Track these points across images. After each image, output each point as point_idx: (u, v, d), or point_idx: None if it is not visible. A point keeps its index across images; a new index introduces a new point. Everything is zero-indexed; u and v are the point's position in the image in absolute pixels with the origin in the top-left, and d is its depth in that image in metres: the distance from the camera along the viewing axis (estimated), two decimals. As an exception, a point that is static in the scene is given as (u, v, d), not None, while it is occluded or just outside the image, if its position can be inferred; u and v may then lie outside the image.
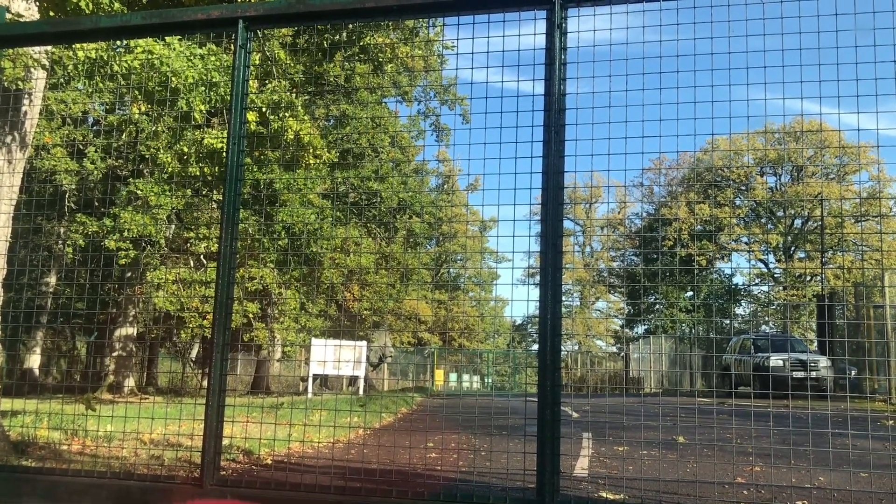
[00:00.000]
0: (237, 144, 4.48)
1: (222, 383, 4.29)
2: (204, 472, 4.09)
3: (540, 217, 3.90)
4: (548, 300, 3.80)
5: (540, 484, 3.68)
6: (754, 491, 5.48)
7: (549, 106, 3.91)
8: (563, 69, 3.95)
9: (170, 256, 19.15)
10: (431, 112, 35.78)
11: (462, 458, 7.21)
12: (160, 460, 6.28)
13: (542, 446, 3.70)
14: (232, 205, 4.46)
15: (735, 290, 46.75)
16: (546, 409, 3.71)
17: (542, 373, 3.76)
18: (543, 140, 3.90)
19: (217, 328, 4.31)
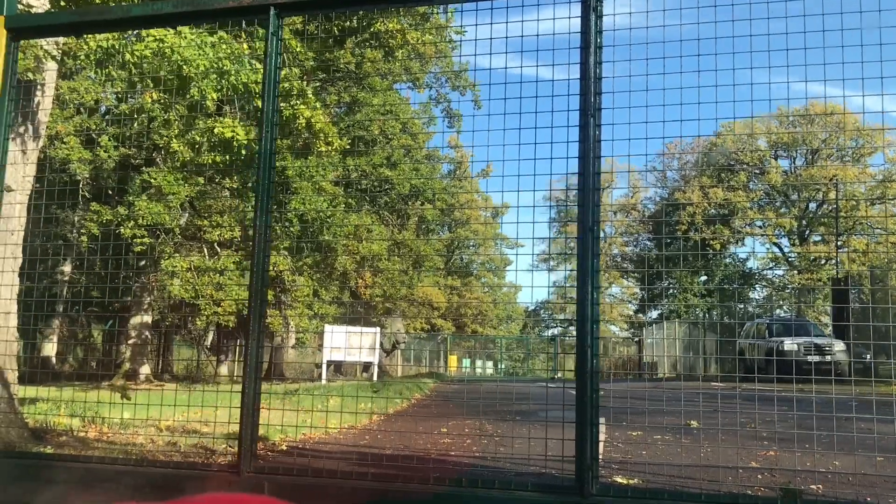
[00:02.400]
0: (270, 132, 4.46)
1: (258, 371, 4.27)
2: (241, 460, 4.09)
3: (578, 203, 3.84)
4: (587, 286, 3.75)
5: (579, 470, 3.65)
6: (769, 475, 5.47)
7: (586, 90, 3.86)
8: (599, 53, 3.89)
9: (183, 244, 19.24)
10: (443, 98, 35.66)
11: (490, 445, 7.23)
12: (182, 447, 6.34)
13: (582, 432, 3.66)
14: (266, 192, 4.44)
15: (749, 274, 46.52)
16: (585, 395, 3.68)
17: (581, 359, 3.73)
18: (580, 125, 3.85)
19: (252, 316, 4.29)
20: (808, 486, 5.03)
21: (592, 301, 3.75)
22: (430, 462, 5.43)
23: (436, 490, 3.84)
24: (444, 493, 3.81)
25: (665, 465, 5.62)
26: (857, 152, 43.86)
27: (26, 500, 4.17)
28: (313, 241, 19.26)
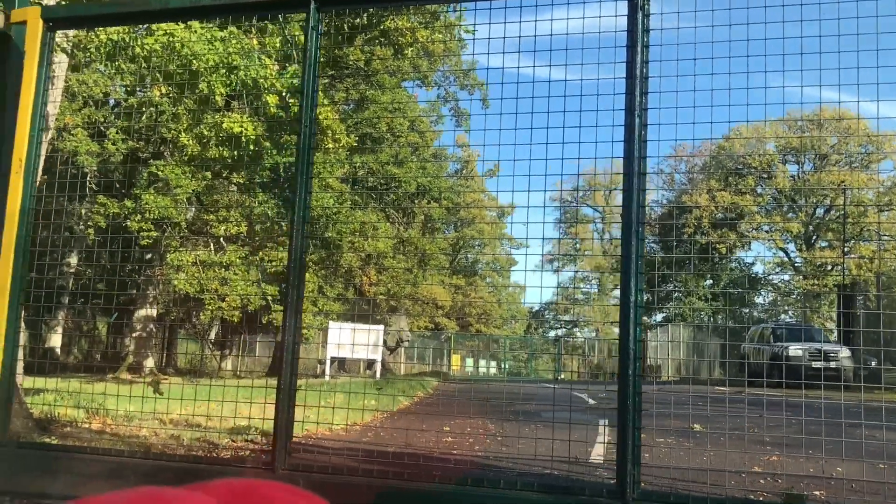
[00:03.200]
0: (309, 128, 4.43)
1: (294, 367, 4.25)
2: (276, 457, 4.08)
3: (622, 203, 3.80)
4: (630, 288, 3.71)
5: (621, 475, 3.60)
6: (771, 480, 5.46)
7: (631, 89, 3.81)
8: (646, 52, 3.84)
9: (190, 238, 19.28)
10: (451, 96, 35.61)
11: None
12: (187, 440, 6.35)
13: (624, 436, 3.62)
14: (304, 187, 4.41)
15: (755, 278, 46.42)
16: (628, 398, 3.63)
17: (624, 362, 3.68)
18: (625, 124, 3.80)
19: (289, 312, 4.27)
20: (811, 492, 5.02)
21: (636, 303, 3.71)
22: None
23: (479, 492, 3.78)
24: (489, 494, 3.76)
25: (667, 467, 5.61)
26: (865, 158, 43.73)
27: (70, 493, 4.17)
28: (319, 237, 19.28)
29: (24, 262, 4.78)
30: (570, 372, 31.44)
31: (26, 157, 4.76)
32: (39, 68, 4.80)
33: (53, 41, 4.94)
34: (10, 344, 4.69)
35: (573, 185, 33.03)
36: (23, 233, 4.75)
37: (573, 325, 53.36)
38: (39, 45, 4.79)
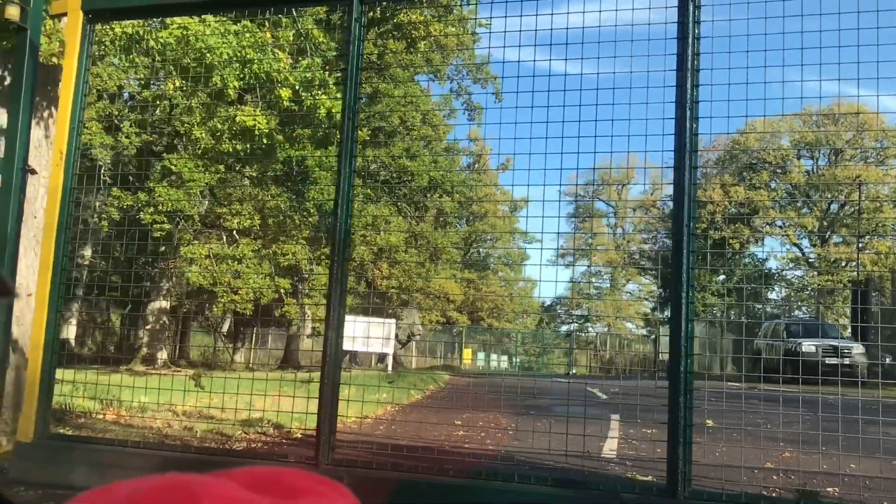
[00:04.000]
0: (351, 120, 4.43)
1: (337, 360, 4.25)
2: (319, 452, 4.09)
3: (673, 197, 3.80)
4: (681, 284, 3.69)
5: (671, 474, 3.55)
6: (784, 476, 5.44)
7: (682, 81, 3.76)
8: (697, 44, 3.78)
9: (203, 231, 19.35)
10: (464, 90, 35.56)
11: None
12: (193, 432, 6.39)
13: (675, 434, 3.57)
14: (347, 181, 4.42)
15: (768, 274, 46.17)
16: (679, 395, 3.59)
17: (675, 358, 3.64)
18: (675, 117, 3.77)
19: (332, 304, 4.27)
20: (824, 489, 4.99)
21: (688, 300, 3.67)
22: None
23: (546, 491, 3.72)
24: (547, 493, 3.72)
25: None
26: (881, 153, 43.35)
27: None
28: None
29: (65, 255, 4.82)
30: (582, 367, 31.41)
31: (66, 149, 4.78)
32: (80, 60, 4.81)
33: (93, 33, 4.94)
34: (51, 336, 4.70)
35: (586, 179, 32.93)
36: (64, 224, 4.78)
37: (585, 319, 53.25)
38: (80, 37, 4.79)
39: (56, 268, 4.73)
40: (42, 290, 4.69)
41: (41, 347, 4.60)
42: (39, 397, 4.57)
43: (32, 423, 4.53)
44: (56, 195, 4.78)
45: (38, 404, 4.56)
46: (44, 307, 4.66)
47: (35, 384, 4.58)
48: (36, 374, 4.58)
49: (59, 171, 4.79)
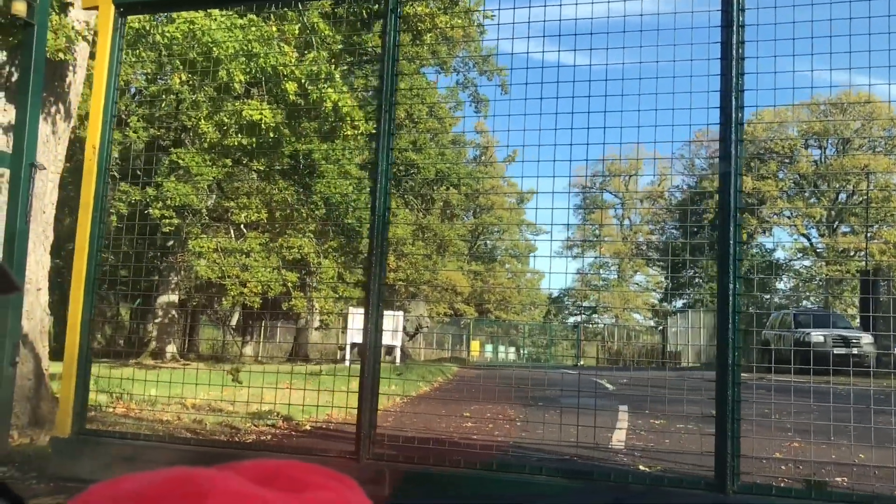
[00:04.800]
0: (388, 112, 4.39)
1: (377, 355, 4.24)
2: (360, 447, 4.07)
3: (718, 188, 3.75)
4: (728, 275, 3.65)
5: (720, 467, 3.52)
6: (793, 467, 5.43)
7: (727, 70, 3.72)
8: (742, 31, 3.74)
9: (211, 225, 19.39)
10: (470, 82, 35.45)
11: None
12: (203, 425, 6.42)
13: (724, 428, 3.53)
14: (384, 175, 4.41)
15: (777, 264, 46.03)
16: (727, 389, 3.55)
17: (723, 351, 3.60)
18: (720, 106, 3.73)
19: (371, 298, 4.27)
20: (832, 479, 4.99)
21: (734, 291, 3.62)
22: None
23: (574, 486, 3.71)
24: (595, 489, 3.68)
25: (687, 453, 5.60)
26: (889, 142, 43.11)
27: None
28: (338, 224, 19.32)
29: (99, 247, 4.81)
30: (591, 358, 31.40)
31: (99, 143, 4.77)
32: (111, 54, 4.78)
33: (125, 27, 4.92)
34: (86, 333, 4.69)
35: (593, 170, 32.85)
36: (98, 218, 4.77)
37: (593, 311, 53.19)
38: (111, 31, 4.77)
39: (90, 266, 4.71)
40: (76, 289, 4.66)
41: (76, 344, 4.59)
42: (75, 393, 4.57)
43: (69, 418, 4.52)
44: (89, 189, 4.73)
45: (73, 400, 4.56)
46: (78, 305, 4.63)
47: (71, 380, 4.57)
48: (72, 370, 4.58)
49: (93, 165, 4.76)
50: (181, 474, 0.56)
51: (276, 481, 0.59)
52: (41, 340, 6.20)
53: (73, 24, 6.19)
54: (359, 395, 4.16)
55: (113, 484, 0.57)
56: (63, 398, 4.61)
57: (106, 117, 4.79)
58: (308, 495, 0.58)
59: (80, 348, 4.63)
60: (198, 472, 0.56)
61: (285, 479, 0.60)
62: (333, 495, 0.59)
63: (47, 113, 6.17)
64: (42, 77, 5.10)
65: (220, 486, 0.54)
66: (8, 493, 0.79)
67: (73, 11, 6.27)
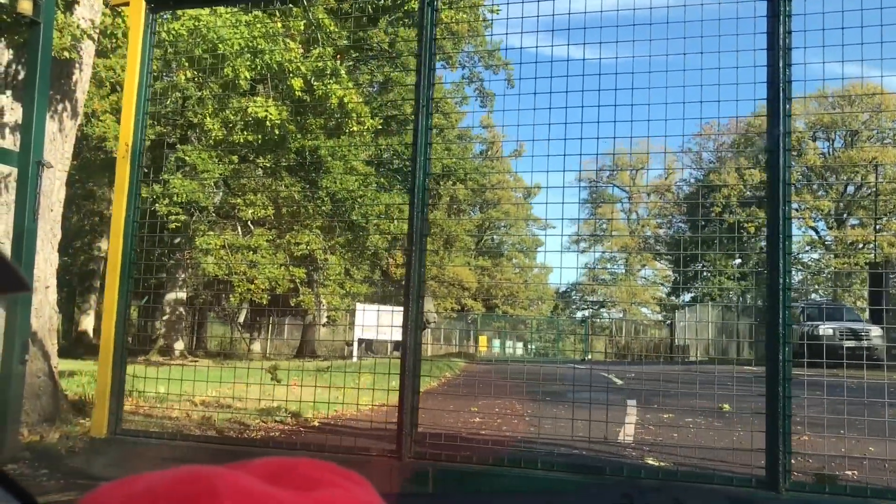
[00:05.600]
0: (426, 107, 4.32)
1: (417, 353, 4.20)
2: (402, 445, 4.04)
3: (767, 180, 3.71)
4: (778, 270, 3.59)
5: (771, 465, 3.47)
6: (803, 460, 5.41)
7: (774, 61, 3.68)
8: (789, 21, 3.68)
9: (217, 222, 19.43)
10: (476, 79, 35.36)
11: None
12: (217, 422, 6.43)
13: (775, 425, 3.49)
14: (423, 170, 4.34)
15: (784, 257, 45.88)
16: (777, 384, 3.50)
17: (773, 347, 3.55)
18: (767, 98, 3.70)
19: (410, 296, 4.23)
20: (842, 472, 4.97)
21: (784, 286, 3.57)
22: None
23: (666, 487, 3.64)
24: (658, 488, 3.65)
25: (696, 447, 5.59)
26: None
27: None
28: (345, 220, 19.34)
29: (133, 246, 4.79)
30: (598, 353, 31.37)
31: (132, 141, 4.74)
32: (143, 51, 4.75)
33: (156, 23, 4.90)
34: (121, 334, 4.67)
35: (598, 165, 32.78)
36: (131, 216, 4.76)
37: (600, 305, 53.14)
38: (142, 27, 4.74)
39: (125, 265, 4.67)
40: (111, 290, 4.63)
41: (111, 345, 4.56)
42: (111, 393, 4.54)
43: (105, 418, 4.50)
44: (123, 187, 4.72)
45: (109, 400, 4.53)
46: (113, 307, 4.61)
47: (107, 380, 4.54)
48: (107, 371, 4.55)
49: (126, 163, 4.72)
50: (192, 473, 0.55)
51: (287, 479, 0.59)
52: (50, 338, 6.22)
53: (79, 22, 6.20)
54: (399, 394, 4.13)
55: (124, 483, 0.56)
56: (99, 398, 4.57)
57: (138, 115, 4.76)
58: (319, 493, 0.57)
59: (115, 347, 4.59)
60: (209, 470, 0.56)
61: (296, 476, 0.60)
62: (344, 493, 0.59)
63: (54, 111, 6.18)
64: (48, 75, 5.10)
65: (232, 484, 0.54)
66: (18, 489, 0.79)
67: (79, 9, 6.28)
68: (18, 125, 5.44)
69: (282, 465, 0.61)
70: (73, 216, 23.11)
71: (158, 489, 0.54)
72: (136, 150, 4.75)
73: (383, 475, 3.92)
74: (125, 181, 4.72)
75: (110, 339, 4.59)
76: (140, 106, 4.76)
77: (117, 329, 4.61)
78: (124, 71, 15.68)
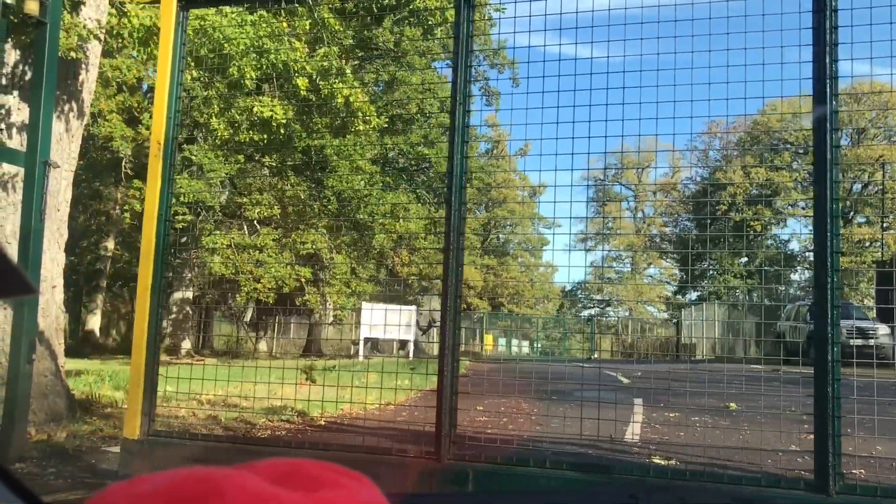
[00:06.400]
0: (463, 104, 4.25)
1: (455, 353, 4.13)
2: (440, 447, 3.99)
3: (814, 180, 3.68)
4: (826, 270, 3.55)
5: (821, 467, 3.41)
6: (809, 459, 5.40)
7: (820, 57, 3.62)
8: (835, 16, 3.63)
9: (224, 221, 19.47)
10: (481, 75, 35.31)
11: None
12: (224, 420, 6.44)
13: (824, 426, 3.43)
14: (460, 167, 4.27)
15: (791, 255, 45.77)
16: (826, 385, 3.45)
17: (822, 347, 3.49)
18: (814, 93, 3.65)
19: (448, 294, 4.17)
20: (849, 471, 4.95)
21: (832, 286, 3.52)
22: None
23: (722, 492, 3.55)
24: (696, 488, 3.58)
25: (702, 446, 5.58)
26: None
27: None
28: (351, 219, 19.36)
29: (166, 247, 4.75)
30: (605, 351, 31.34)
31: (164, 139, 4.72)
32: (174, 48, 4.72)
33: (187, 20, 4.88)
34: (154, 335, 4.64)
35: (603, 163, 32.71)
36: (163, 215, 4.72)
37: (606, 304, 53.08)
38: (173, 25, 4.72)
39: (156, 266, 4.63)
40: (143, 291, 4.59)
41: (143, 346, 4.52)
42: (144, 394, 4.50)
43: (138, 419, 4.46)
44: (155, 186, 4.67)
45: (143, 401, 4.49)
46: (145, 307, 4.57)
47: (139, 382, 4.50)
48: (139, 372, 4.51)
49: (158, 162, 4.66)
50: (198, 474, 0.56)
51: (291, 480, 0.59)
52: (57, 338, 6.25)
53: (85, 22, 6.22)
54: (437, 395, 4.06)
55: (130, 484, 0.57)
56: (131, 399, 4.51)
57: (170, 113, 4.68)
58: (323, 494, 0.57)
59: (147, 347, 4.55)
60: (214, 471, 0.56)
61: (301, 477, 0.60)
62: (348, 493, 0.59)
63: (60, 111, 6.20)
64: (55, 75, 5.11)
65: (238, 485, 0.54)
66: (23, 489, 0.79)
67: (85, 10, 6.30)
68: (25, 125, 5.46)
69: (287, 466, 0.61)
70: (79, 216, 23.18)
71: (165, 490, 0.54)
72: (168, 148, 4.69)
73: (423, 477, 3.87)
74: (157, 180, 4.66)
75: (142, 339, 4.53)
76: (172, 104, 4.71)
77: (150, 330, 4.55)
78: (130, 71, 15.67)
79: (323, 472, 0.61)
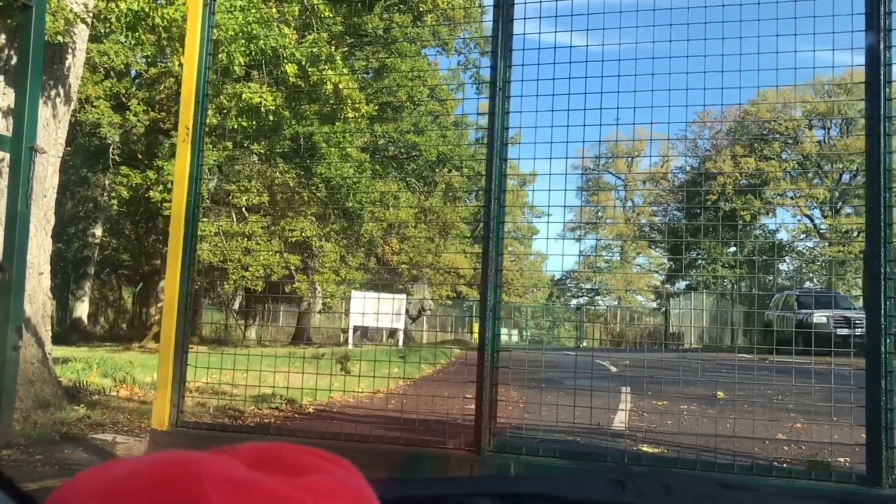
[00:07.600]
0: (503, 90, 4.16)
1: (495, 344, 4.06)
2: (481, 438, 3.94)
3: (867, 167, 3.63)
4: (880, 259, 3.46)
5: (873, 461, 3.36)
6: (795, 447, 5.44)
7: (874, 43, 3.54)
8: (889, 2, 3.52)
9: (212, 209, 19.37)
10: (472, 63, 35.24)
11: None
12: (212, 409, 6.43)
13: (877, 419, 3.37)
14: (499, 155, 4.16)
15: (779, 245, 46.00)
16: (880, 378, 3.38)
17: (875, 338, 3.43)
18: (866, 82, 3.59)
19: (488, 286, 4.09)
20: (835, 459, 5.00)
21: (885, 276, 3.43)
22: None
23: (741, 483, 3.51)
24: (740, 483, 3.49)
25: (690, 434, 5.61)
26: (894, 123, 42.85)
27: None
28: (340, 207, 19.31)
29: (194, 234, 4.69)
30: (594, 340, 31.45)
31: (193, 124, 4.65)
32: (202, 31, 4.61)
33: (214, 4, 4.77)
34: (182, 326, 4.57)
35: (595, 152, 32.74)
36: (192, 202, 4.66)
37: (595, 293, 53.23)
38: (200, 7, 4.62)
39: (185, 255, 4.57)
40: (171, 280, 4.53)
41: (172, 336, 4.45)
42: (172, 386, 4.45)
43: (167, 411, 4.42)
44: (184, 173, 4.60)
45: (171, 393, 4.44)
46: (174, 297, 4.51)
47: (168, 372, 4.45)
48: (168, 363, 4.46)
49: (186, 147, 4.59)
50: (173, 458, 0.55)
51: (273, 465, 0.58)
52: (44, 324, 6.21)
53: (72, 6, 6.15)
54: (477, 386, 3.99)
55: (101, 470, 0.56)
56: (160, 390, 4.44)
57: (198, 97, 4.59)
58: (306, 479, 0.57)
59: (176, 335, 4.49)
60: (191, 455, 0.55)
61: (283, 462, 0.59)
62: (331, 478, 0.58)
63: (47, 96, 6.14)
64: (41, 60, 5.06)
65: (216, 469, 0.53)
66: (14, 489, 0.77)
67: (72, -7, 6.22)
68: (11, 110, 5.40)
69: (267, 451, 0.60)
70: (67, 202, 23.02)
71: (142, 474, 0.53)
72: (197, 134, 4.60)
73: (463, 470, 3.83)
74: (186, 166, 4.58)
75: (171, 330, 4.46)
76: (200, 88, 4.61)
77: (179, 320, 4.49)
78: (118, 56, 15.54)
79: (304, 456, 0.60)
